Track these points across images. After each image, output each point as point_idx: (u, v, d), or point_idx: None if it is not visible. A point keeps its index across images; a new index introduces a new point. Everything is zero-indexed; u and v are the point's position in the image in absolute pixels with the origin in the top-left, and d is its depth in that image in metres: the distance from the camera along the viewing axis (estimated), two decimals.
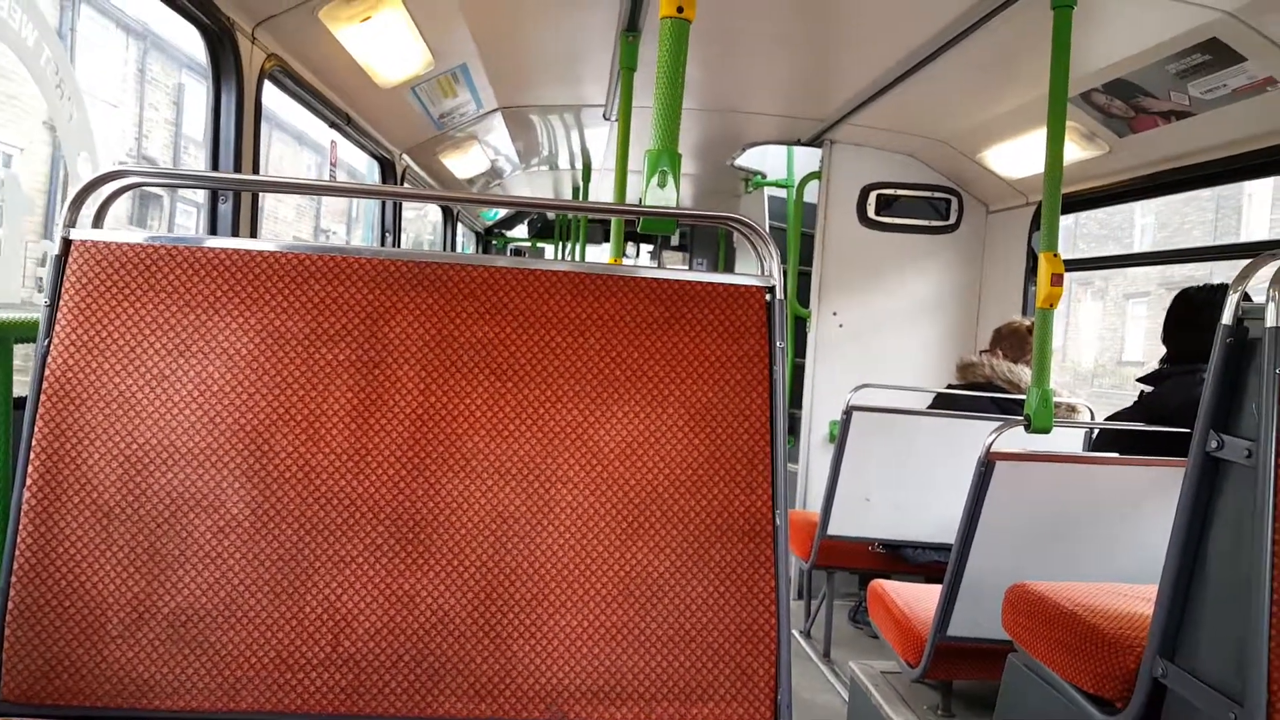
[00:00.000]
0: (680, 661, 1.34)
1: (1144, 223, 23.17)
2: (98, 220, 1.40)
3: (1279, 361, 1.36)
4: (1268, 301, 1.39)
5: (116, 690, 1.28)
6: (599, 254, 9.39)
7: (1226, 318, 1.47)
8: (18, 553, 1.29)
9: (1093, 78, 3.14)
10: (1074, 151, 3.59)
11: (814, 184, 5.07)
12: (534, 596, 1.33)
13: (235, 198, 2.70)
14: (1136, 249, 21.53)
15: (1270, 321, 1.38)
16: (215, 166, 2.70)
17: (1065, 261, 2.53)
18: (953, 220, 4.82)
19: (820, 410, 4.79)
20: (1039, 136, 2.61)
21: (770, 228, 6.16)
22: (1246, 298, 1.47)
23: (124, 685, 1.28)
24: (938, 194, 4.80)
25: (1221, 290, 2.81)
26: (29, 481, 1.30)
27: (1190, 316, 2.80)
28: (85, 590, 1.29)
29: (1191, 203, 20.68)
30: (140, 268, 1.35)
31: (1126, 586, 1.99)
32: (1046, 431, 2.46)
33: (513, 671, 1.32)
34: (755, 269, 1.49)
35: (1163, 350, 2.92)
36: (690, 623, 1.34)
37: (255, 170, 2.80)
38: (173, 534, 1.31)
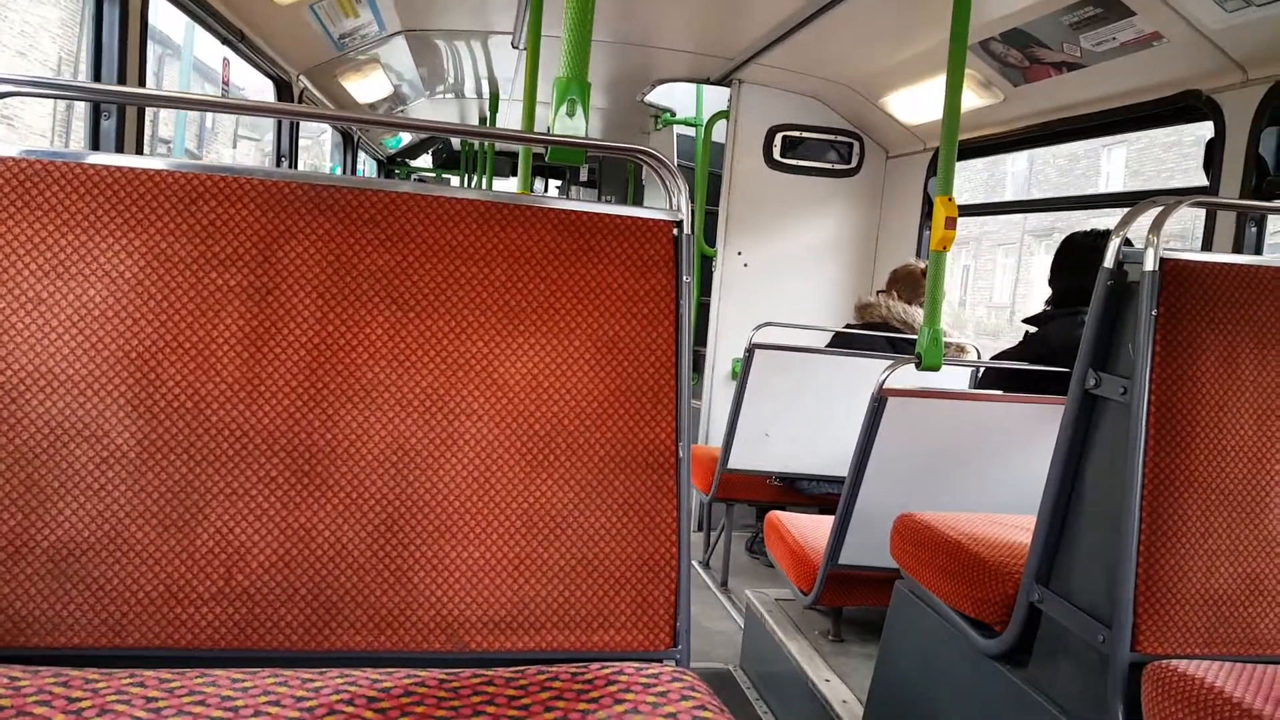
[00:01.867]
0: (583, 591, 1.36)
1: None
2: None
3: (1154, 304, 1.46)
4: (1146, 248, 1.48)
5: None
6: (506, 187, 9.20)
7: (1108, 261, 1.54)
8: None
9: (991, 26, 3.21)
10: (970, 99, 3.69)
11: (722, 124, 5.07)
12: (436, 529, 1.33)
13: (119, 113, 2.53)
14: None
15: (1149, 266, 1.46)
16: (97, 79, 2.52)
17: (959, 207, 2.61)
18: (854, 164, 4.92)
19: (724, 348, 4.87)
20: (938, 84, 2.67)
21: (679, 166, 6.14)
22: (1128, 243, 1.56)
23: (0, 623, 1.23)
24: (841, 138, 4.88)
25: (1103, 235, 2.96)
26: None
27: (1075, 260, 2.94)
28: None
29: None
30: (15, 183, 1.25)
31: (1008, 517, 2.11)
32: (936, 369, 2.57)
33: (414, 604, 1.32)
34: (664, 200, 1.49)
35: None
36: (593, 553, 1.36)
37: (141, 85, 2.62)
38: (52, 465, 1.24)
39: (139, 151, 2.67)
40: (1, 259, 1.24)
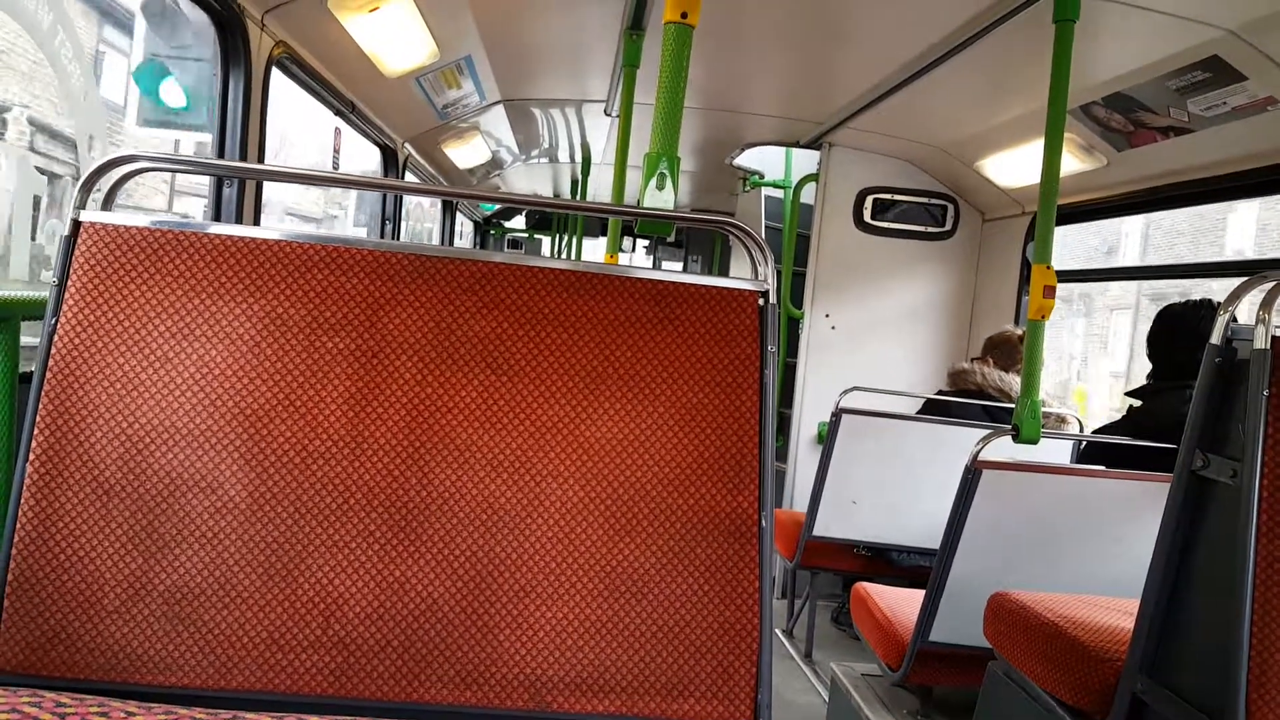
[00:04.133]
0: (663, 657, 1.36)
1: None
2: (107, 203, 1.41)
3: (1266, 384, 1.38)
4: (1256, 324, 1.41)
5: (111, 664, 1.29)
6: (596, 245, 9.40)
7: (1215, 338, 1.48)
8: (18, 526, 1.30)
9: (1092, 91, 3.15)
10: (1071, 163, 3.61)
11: (811, 186, 5.09)
12: (521, 588, 1.35)
13: (240, 183, 2.71)
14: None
15: (1259, 344, 1.40)
16: (221, 153, 2.70)
17: (1058, 273, 2.54)
18: (948, 227, 4.85)
19: (810, 411, 4.81)
20: (1037, 147, 2.63)
21: (766, 228, 6.18)
22: (1236, 318, 1.49)
23: (118, 660, 1.29)
24: (934, 201, 4.82)
25: (1204, 306, 2.84)
26: (31, 456, 1.31)
27: (1172, 332, 2.82)
28: (83, 565, 1.30)
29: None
30: (147, 251, 1.36)
31: (1108, 599, 2.01)
32: (1034, 442, 2.48)
33: (498, 660, 1.33)
34: (749, 266, 1.50)
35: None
36: (674, 619, 1.36)
37: (261, 157, 2.80)
38: (171, 513, 1.32)
39: (256, 220, 2.84)
40: (135, 320, 1.34)
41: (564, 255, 9.21)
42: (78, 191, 1.37)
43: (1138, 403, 2.89)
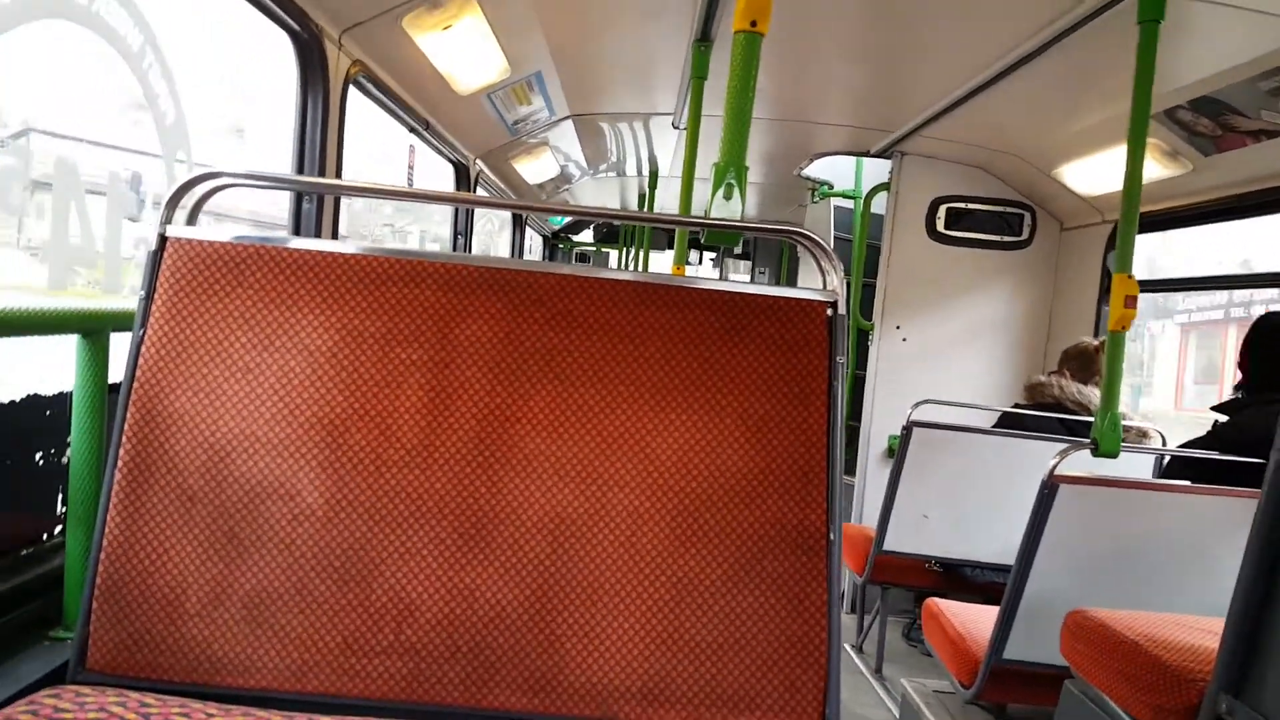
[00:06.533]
0: (729, 669, 1.35)
1: None
2: (192, 218, 1.46)
3: None
4: None
5: (192, 666, 1.33)
6: (663, 259, 9.42)
7: None
8: (107, 531, 1.35)
9: (1177, 94, 3.05)
10: (1154, 169, 3.49)
11: (881, 195, 5.02)
12: (588, 597, 1.36)
13: (318, 199, 2.80)
14: None
15: None
16: (301, 168, 2.80)
17: (1141, 283, 2.46)
18: (1025, 236, 4.73)
19: (880, 424, 4.73)
20: (1118, 153, 2.55)
21: (836, 238, 6.11)
22: None
23: (199, 662, 1.34)
24: (1010, 209, 4.71)
25: None
26: (119, 464, 1.36)
27: (1271, 342, 2.70)
28: (167, 569, 1.35)
29: None
30: (229, 265, 1.41)
31: (1191, 618, 1.93)
32: (1114, 456, 2.40)
33: (565, 669, 1.34)
34: (818, 279, 1.49)
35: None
36: (740, 632, 1.35)
37: (339, 173, 2.89)
38: (251, 519, 1.36)
39: (334, 234, 2.93)
40: (218, 332, 1.40)
41: (631, 268, 9.26)
42: (164, 208, 1.42)
43: (1224, 418, 2.77)
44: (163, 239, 1.42)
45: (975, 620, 2.73)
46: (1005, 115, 3.87)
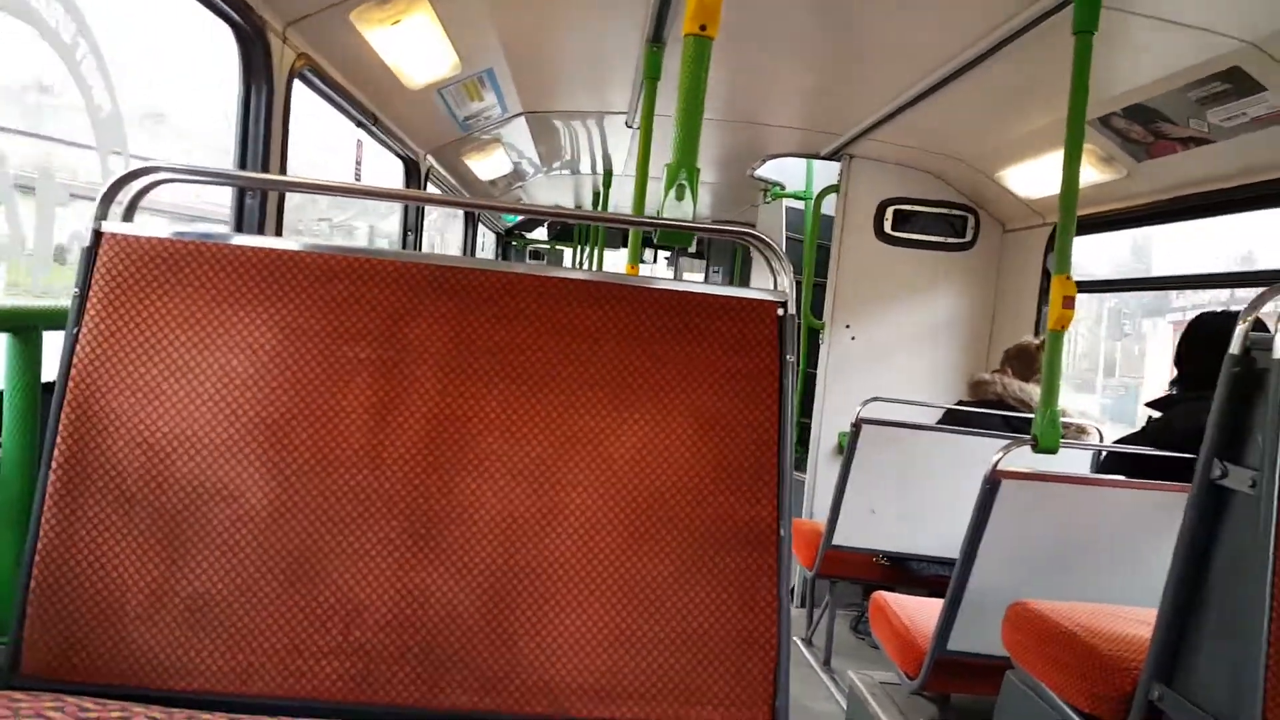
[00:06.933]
0: (681, 664, 1.36)
1: None
2: (128, 214, 1.42)
3: None
4: (1276, 333, 1.41)
5: (133, 669, 1.30)
6: (618, 257, 9.44)
7: (1234, 347, 1.48)
8: (41, 533, 1.31)
9: (1112, 102, 3.15)
10: (1091, 174, 3.60)
11: (832, 197, 5.09)
12: (540, 596, 1.36)
13: (262, 194, 2.75)
14: None
15: (1278, 353, 1.39)
16: (243, 164, 2.74)
17: (1078, 283, 2.54)
18: (969, 238, 4.84)
19: (830, 421, 4.80)
20: (1057, 158, 2.63)
21: (788, 239, 6.19)
22: (1260, 326, 1.49)
23: (140, 665, 1.31)
24: (955, 211, 4.81)
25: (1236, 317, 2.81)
26: (54, 465, 1.32)
27: (1205, 343, 2.80)
28: (105, 572, 1.31)
29: None
30: (168, 262, 1.37)
31: (1126, 609, 2.00)
32: (1053, 452, 2.47)
33: (517, 667, 1.34)
34: (770, 278, 1.51)
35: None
36: (692, 627, 1.37)
37: (283, 169, 2.84)
38: (191, 521, 1.33)
39: (279, 231, 2.88)
40: (155, 330, 1.37)
41: (585, 267, 9.25)
42: (98, 203, 1.37)
43: (1157, 414, 2.87)
44: (97, 235, 1.38)
45: (920, 613, 2.79)
46: (949, 120, 3.96)
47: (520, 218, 9.54)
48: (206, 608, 1.32)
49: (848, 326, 4.82)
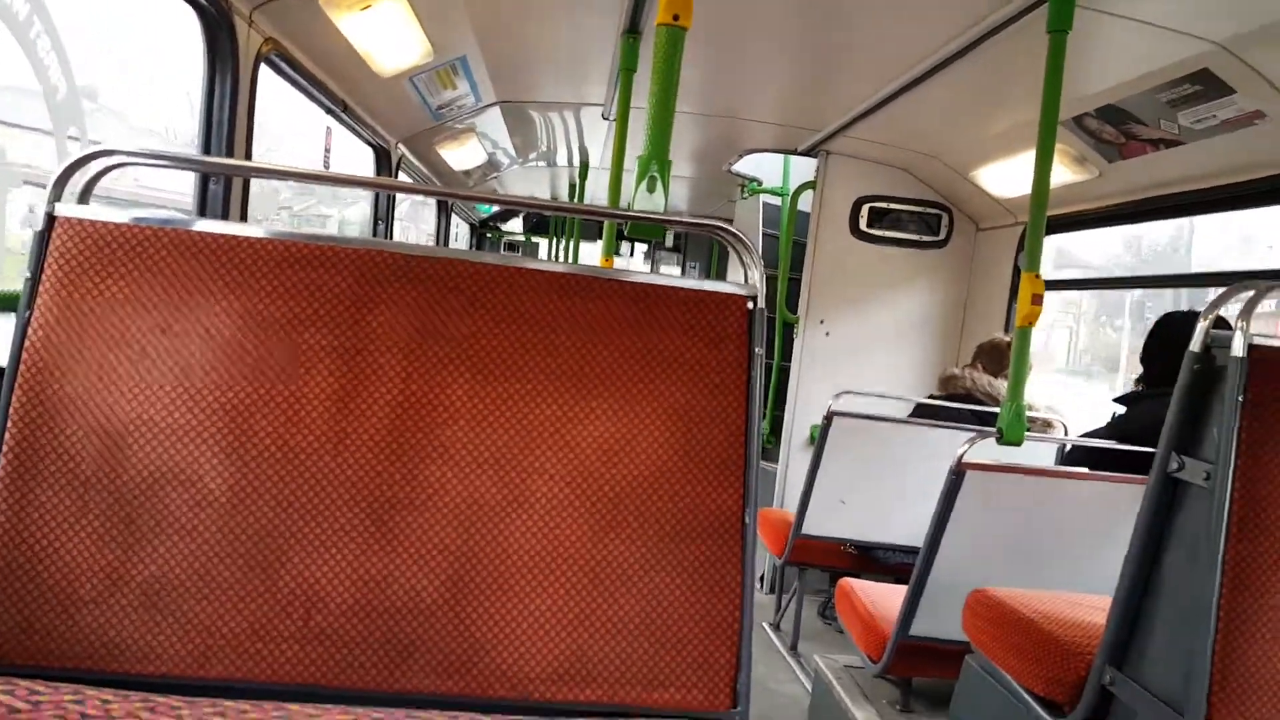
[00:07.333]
0: (644, 649, 1.37)
1: None
2: (84, 197, 1.40)
3: (1241, 390, 1.41)
4: (1235, 332, 1.43)
5: (87, 653, 1.29)
6: (594, 250, 9.44)
7: (1195, 345, 1.51)
8: None
9: (1085, 102, 3.18)
10: (1064, 174, 3.64)
11: (808, 193, 5.11)
12: (503, 582, 1.35)
13: (226, 180, 2.71)
14: None
15: (1237, 351, 1.42)
16: (207, 149, 2.70)
17: (1047, 282, 2.56)
18: (943, 236, 4.88)
19: (803, 414, 4.84)
20: (1030, 157, 2.65)
21: (765, 235, 6.21)
22: (1222, 324, 1.51)
23: (94, 648, 1.29)
24: (929, 210, 4.85)
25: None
26: (5, 448, 1.30)
27: (1168, 341, 2.84)
28: (59, 556, 1.30)
29: None
30: (125, 247, 1.35)
31: (1082, 596, 2.03)
32: (1017, 444, 2.50)
33: (480, 652, 1.34)
34: (742, 277, 1.52)
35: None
36: (656, 612, 1.37)
37: (248, 155, 2.80)
38: (149, 507, 1.32)
39: (243, 217, 2.84)
40: (112, 315, 1.34)
41: (561, 259, 9.23)
42: (52, 185, 1.35)
43: (1123, 409, 2.91)
44: (51, 218, 1.35)
45: (885, 599, 2.82)
46: (925, 118, 3.99)
47: (495, 209, 9.50)
48: (164, 592, 1.31)
49: (822, 322, 4.85)
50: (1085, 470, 2.50)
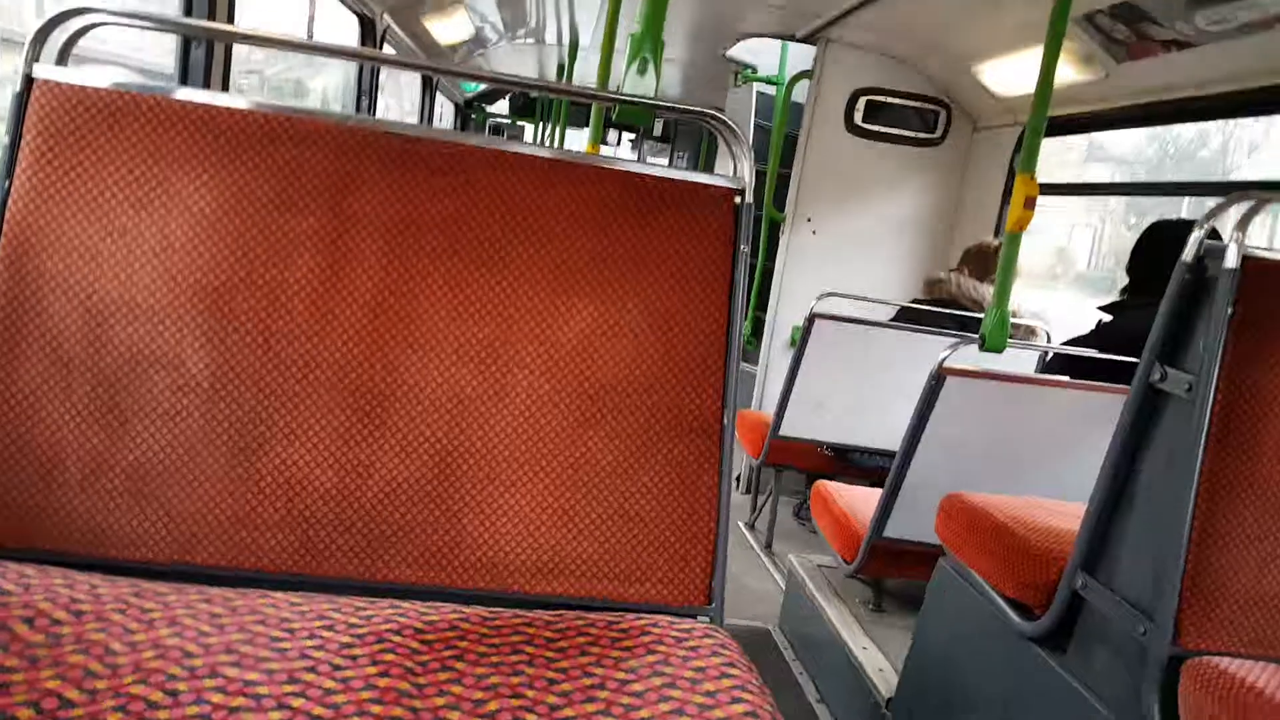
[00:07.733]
0: (623, 545, 1.39)
1: None
2: (61, 59, 1.34)
3: (1230, 302, 1.40)
4: (1230, 243, 1.41)
5: (73, 537, 1.29)
6: (581, 136, 9.20)
7: (1187, 254, 1.48)
8: None
9: None
10: (1068, 73, 3.53)
11: (804, 84, 4.96)
12: (485, 474, 1.36)
13: (208, 45, 2.58)
14: None
15: (1229, 263, 1.40)
16: (189, 11, 2.57)
17: (1041, 186, 2.52)
18: (939, 134, 4.77)
19: (785, 315, 4.83)
20: (1036, 54, 2.56)
21: (756, 127, 6.05)
22: (1215, 235, 1.49)
23: (81, 532, 1.30)
24: (928, 105, 4.73)
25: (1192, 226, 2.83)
26: None
27: (1157, 250, 2.82)
28: (43, 437, 1.29)
29: None
30: (106, 114, 1.30)
31: (1056, 503, 2.07)
32: (999, 351, 2.51)
33: (462, 543, 1.36)
34: (732, 166, 1.47)
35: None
36: (635, 509, 1.39)
37: (230, 18, 2.66)
38: (132, 389, 1.30)
39: (225, 86, 2.72)
40: (93, 188, 1.30)
41: (547, 144, 9.00)
42: (29, 44, 1.29)
43: (1108, 317, 2.91)
44: (29, 80, 1.29)
45: (860, 501, 2.88)
46: (932, 7, 3.84)
47: (481, 87, 9.18)
48: (148, 477, 1.30)
49: (809, 220, 4.78)
50: (1066, 379, 2.52)
